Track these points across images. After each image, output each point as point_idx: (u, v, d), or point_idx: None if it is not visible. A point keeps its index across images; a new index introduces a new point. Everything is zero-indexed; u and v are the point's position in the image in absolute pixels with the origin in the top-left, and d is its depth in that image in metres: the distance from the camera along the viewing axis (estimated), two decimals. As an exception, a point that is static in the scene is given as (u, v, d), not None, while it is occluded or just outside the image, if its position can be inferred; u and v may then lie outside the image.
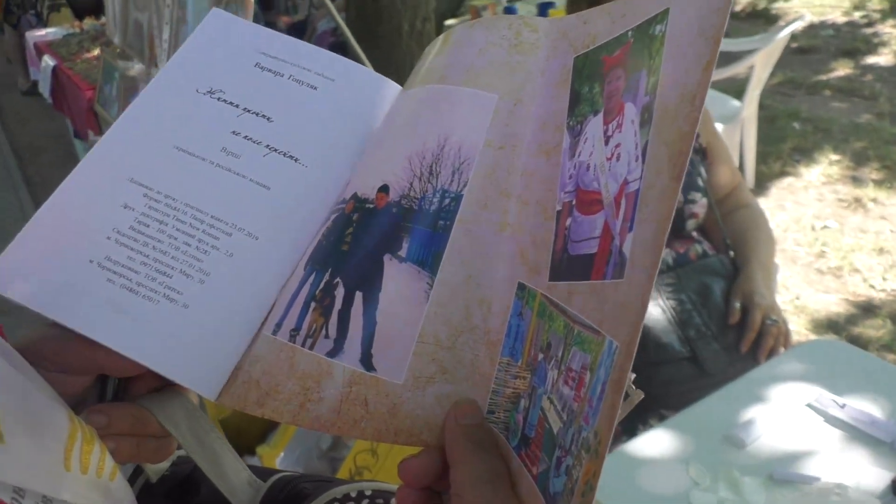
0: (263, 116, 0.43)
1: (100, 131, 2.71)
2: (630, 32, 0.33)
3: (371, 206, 0.39)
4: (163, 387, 0.42)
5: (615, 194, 0.31)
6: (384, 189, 0.39)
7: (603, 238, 0.31)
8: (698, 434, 0.97)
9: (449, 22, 3.94)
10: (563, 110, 0.37)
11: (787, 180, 3.45)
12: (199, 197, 0.40)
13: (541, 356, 0.34)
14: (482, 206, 0.38)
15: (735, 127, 3.15)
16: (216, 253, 0.39)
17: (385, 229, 0.39)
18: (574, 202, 0.34)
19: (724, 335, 1.30)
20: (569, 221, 0.34)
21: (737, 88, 3.35)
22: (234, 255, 0.39)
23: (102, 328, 0.37)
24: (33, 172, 4.37)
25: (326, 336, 0.38)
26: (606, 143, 0.33)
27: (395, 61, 2.60)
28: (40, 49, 3.80)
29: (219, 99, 0.43)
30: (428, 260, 0.38)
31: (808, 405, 0.99)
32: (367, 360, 0.37)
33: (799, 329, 2.49)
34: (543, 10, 3.62)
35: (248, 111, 0.43)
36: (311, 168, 0.42)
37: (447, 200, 0.38)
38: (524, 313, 0.36)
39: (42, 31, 4.27)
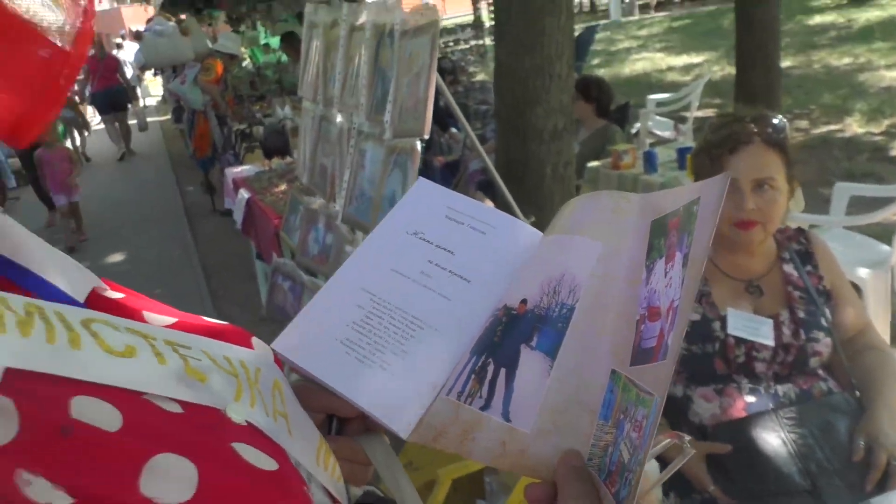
0: (449, 251, 0.65)
1: (281, 254, 3.16)
2: (681, 209, 0.53)
3: (515, 312, 0.59)
4: (367, 429, 0.63)
5: (666, 308, 0.49)
6: (524, 301, 0.60)
7: (659, 336, 0.49)
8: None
9: (591, 164, 4.20)
10: (643, 255, 0.56)
11: (950, 329, 3.27)
12: (404, 302, 0.62)
13: (621, 416, 0.51)
14: (588, 316, 0.57)
15: (885, 272, 3.09)
16: (413, 340, 0.60)
17: (523, 328, 0.58)
18: (646, 314, 0.52)
19: (847, 472, 1.33)
20: (643, 327, 0.52)
21: (888, 233, 3.30)
22: (425, 342, 0.60)
23: (340, 382, 0.59)
24: (217, 286, 5.01)
25: (480, 397, 0.57)
26: (665, 276, 0.51)
27: (537, 201, 2.86)
28: (237, 183, 4.48)
29: (420, 238, 0.66)
30: (551, 350, 0.57)
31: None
32: (506, 415, 0.56)
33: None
34: (682, 154, 3.81)
35: (439, 247, 0.65)
36: (478, 287, 0.63)
37: (565, 310, 0.58)
38: (614, 390, 0.54)
39: (238, 168, 5.02)
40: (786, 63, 8.65)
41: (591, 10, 31.14)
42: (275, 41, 10.35)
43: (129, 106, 10.92)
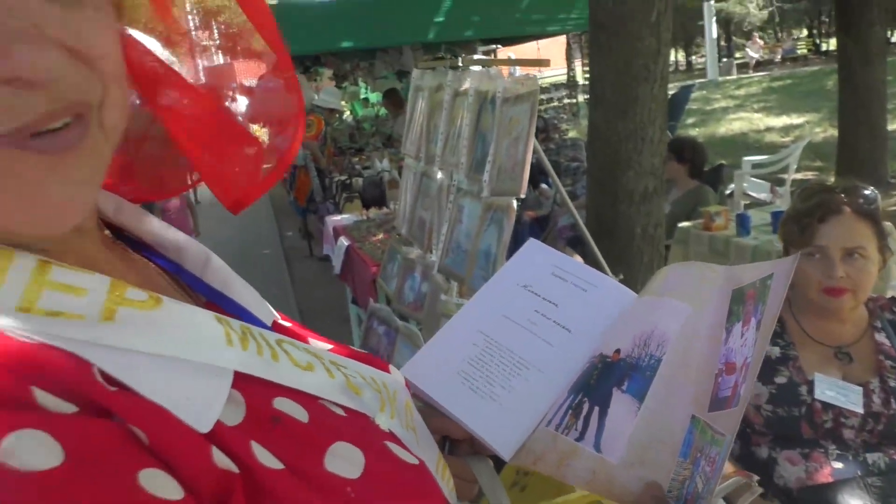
0: (553, 303, 0.76)
1: (378, 299, 3.33)
2: (757, 282, 0.62)
3: (609, 360, 0.70)
4: (475, 452, 0.74)
5: (741, 364, 0.58)
6: (618, 351, 0.70)
7: (733, 387, 0.58)
8: None
9: (682, 224, 4.21)
10: (724, 318, 0.66)
11: None
12: (513, 344, 0.73)
13: (698, 455, 0.60)
14: (673, 367, 0.67)
15: None
16: (519, 377, 0.71)
17: (616, 374, 0.68)
18: (724, 368, 0.62)
19: (939, 546, 1.31)
20: (720, 379, 0.62)
21: None
22: (529, 380, 0.71)
23: (455, 407, 0.70)
24: (312, 328, 5.22)
25: (576, 430, 0.67)
26: (741, 337, 0.61)
27: (626, 259, 2.92)
28: (337, 231, 4.74)
29: (529, 290, 0.78)
30: (639, 394, 0.66)
31: None
32: (597, 447, 0.65)
33: None
34: (776, 217, 3.78)
35: (545, 300, 0.77)
36: (578, 336, 0.73)
37: (653, 361, 0.67)
38: (693, 432, 0.63)
39: (338, 217, 5.30)
40: (893, 126, 8.34)
41: (687, 68, 30.95)
42: (374, 96, 10.89)
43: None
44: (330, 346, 0.66)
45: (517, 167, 2.05)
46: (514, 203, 2.10)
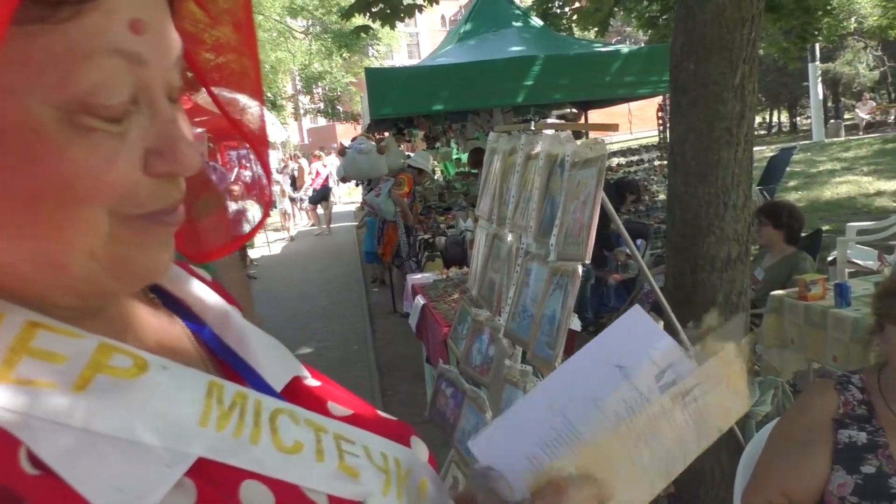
0: (647, 398, 0.64)
1: (448, 361, 3.29)
2: None
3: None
4: None
5: None
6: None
7: None
8: None
9: (775, 293, 3.97)
10: None
11: None
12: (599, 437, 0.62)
13: None
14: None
15: None
16: None
17: None
18: None
19: None
20: None
21: None
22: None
23: (517, 494, 0.63)
24: (388, 385, 5.25)
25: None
26: None
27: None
28: (415, 289, 4.77)
29: (624, 374, 0.65)
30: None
31: None
32: None
33: None
34: None
35: (637, 390, 0.64)
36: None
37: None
38: None
39: (419, 276, 5.34)
40: None
41: (791, 129, 29.79)
42: (465, 156, 11.08)
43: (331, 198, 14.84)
44: (349, 413, 0.62)
45: (583, 231, 2.00)
46: (580, 269, 2.04)
